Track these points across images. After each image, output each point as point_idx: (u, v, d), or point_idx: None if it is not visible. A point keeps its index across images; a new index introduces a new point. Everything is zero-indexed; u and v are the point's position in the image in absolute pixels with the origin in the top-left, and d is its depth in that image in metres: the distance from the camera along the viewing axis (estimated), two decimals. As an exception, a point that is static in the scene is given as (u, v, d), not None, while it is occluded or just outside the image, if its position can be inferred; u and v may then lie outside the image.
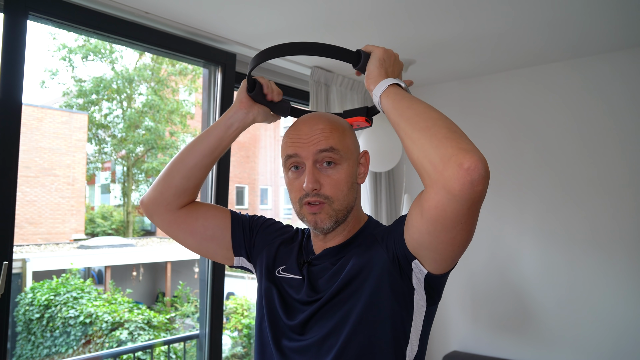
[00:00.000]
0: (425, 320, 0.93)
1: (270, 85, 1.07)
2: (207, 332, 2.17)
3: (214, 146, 1.07)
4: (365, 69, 0.94)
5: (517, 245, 2.64)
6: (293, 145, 0.96)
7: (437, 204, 0.74)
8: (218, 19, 1.94)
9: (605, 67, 2.40)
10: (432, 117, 0.79)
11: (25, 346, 7.22)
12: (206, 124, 2.22)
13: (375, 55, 0.93)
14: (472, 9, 1.87)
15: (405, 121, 0.81)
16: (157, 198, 1.07)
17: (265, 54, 0.95)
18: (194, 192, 1.09)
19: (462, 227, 0.76)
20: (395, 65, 0.95)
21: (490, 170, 0.73)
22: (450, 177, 0.71)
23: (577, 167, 2.47)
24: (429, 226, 0.78)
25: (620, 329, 2.31)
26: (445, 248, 0.81)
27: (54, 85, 18.55)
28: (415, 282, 0.89)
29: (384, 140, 2.42)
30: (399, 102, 0.84)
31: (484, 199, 0.74)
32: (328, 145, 0.94)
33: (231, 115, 1.08)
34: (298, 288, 0.99)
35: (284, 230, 1.13)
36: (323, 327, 0.91)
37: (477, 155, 0.71)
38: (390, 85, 0.88)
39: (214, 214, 1.10)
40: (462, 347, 2.79)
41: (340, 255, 0.98)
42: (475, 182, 0.70)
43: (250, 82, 1.05)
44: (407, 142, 0.79)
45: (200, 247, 1.11)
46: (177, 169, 1.06)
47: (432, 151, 0.74)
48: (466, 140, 0.74)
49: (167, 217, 1.08)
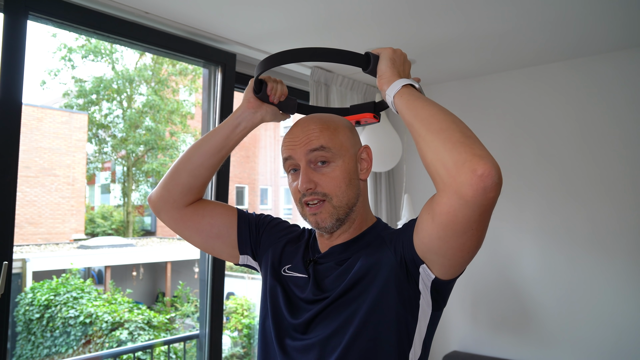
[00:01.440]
0: (430, 324, 0.93)
1: (275, 87, 1.07)
2: (207, 332, 2.17)
3: (220, 145, 1.07)
4: (375, 72, 0.94)
5: (517, 245, 2.63)
6: (287, 148, 0.98)
7: (449, 209, 0.74)
8: (218, 19, 1.94)
9: (605, 67, 2.40)
10: (446, 120, 0.79)
11: (25, 346, 7.22)
12: (206, 124, 2.22)
13: (385, 55, 0.93)
14: (473, 9, 1.87)
15: (419, 122, 0.81)
16: (164, 195, 1.08)
17: (273, 60, 0.95)
18: (201, 190, 1.10)
19: (472, 233, 0.76)
20: (405, 64, 0.95)
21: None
22: (463, 182, 0.71)
23: (577, 167, 2.47)
24: (440, 231, 0.78)
25: (620, 329, 2.31)
26: (454, 254, 0.80)
27: (54, 85, 18.56)
28: (422, 286, 0.89)
29: (384, 140, 2.42)
30: (412, 103, 0.84)
31: (494, 206, 0.74)
32: (318, 145, 0.94)
33: (239, 114, 1.08)
34: (303, 287, 0.99)
35: (291, 229, 1.13)
36: (327, 326, 0.91)
37: (491, 162, 0.71)
38: (404, 86, 0.88)
39: (221, 212, 1.10)
40: (462, 347, 2.79)
41: (346, 254, 0.97)
42: (488, 189, 0.70)
43: (257, 83, 1.05)
44: (420, 144, 0.79)
45: (206, 244, 1.11)
46: (184, 167, 1.07)
47: (446, 155, 0.74)
48: (480, 145, 0.74)
49: (174, 214, 1.08)
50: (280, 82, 1.08)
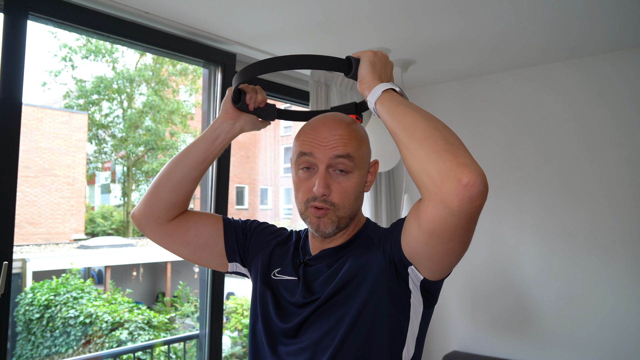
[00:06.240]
0: (422, 322, 0.93)
1: (253, 96, 1.05)
2: (207, 332, 2.17)
3: (200, 159, 1.06)
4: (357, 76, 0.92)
5: (517, 245, 2.64)
6: (310, 145, 0.94)
7: (435, 218, 0.74)
8: (218, 19, 1.94)
9: (605, 67, 2.40)
10: (429, 127, 0.76)
11: (25, 346, 7.22)
12: (206, 124, 2.22)
13: (366, 59, 0.91)
14: (472, 9, 1.87)
15: (402, 130, 0.79)
16: (146, 212, 1.05)
17: (249, 71, 0.93)
18: (184, 204, 1.07)
19: (459, 239, 0.76)
20: (386, 67, 0.93)
21: (490, 169, 0.73)
22: (448, 192, 0.70)
23: (577, 167, 2.47)
24: (426, 237, 0.78)
25: (620, 329, 2.31)
26: (441, 258, 0.81)
27: (55, 85, 18.55)
28: (412, 285, 0.89)
29: (383, 140, 2.42)
30: (394, 110, 0.82)
31: (480, 212, 0.73)
32: (345, 152, 0.92)
33: (217, 127, 1.07)
34: (293, 290, 0.98)
35: (278, 232, 1.13)
36: (318, 329, 0.91)
37: (476, 171, 0.70)
38: (384, 91, 0.86)
39: (206, 222, 1.09)
40: (462, 347, 2.79)
41: (337, 257, 0.97)
42: (474, 198, 0.69)
43: (236, 92, 1.04)
44: (404, 152, 0.78)
45: (194, 256, 1.10)
46: (165, 183, 1.04)
47: (430, 164, 0.72)
48: (465, 153, 0.72)
49: (159, 230, 1.06)
50: (259, 88, 1.07)
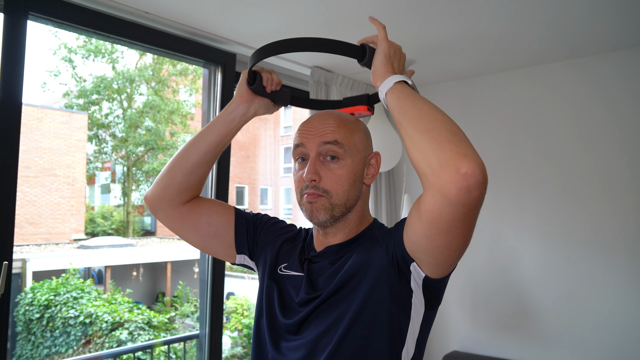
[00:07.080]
0: (423, 324, 0.92)
1: (270, 77, 1.06)
2: (207, 332, 2.17)
3: (215, 142, 1.07)
4: (370, 64, 0.94)
5: (517, 245, 2.64)
6: (301, 136, 0.98)
7: (433, 208, 0.74)
8: (218, 19, 1.94)
9: (605, 67, 2.40)
10: (434, 119, 0.78)
11: (25, 346, 7.22)
12: (206, 124, 2.22)
13: (381, 50, 0.93)
14: (472, 9, 1.87)
15: (407, 121, 0.80)
16: (160, 194, 1.06)
17: (267, 50, 0.94)
18: (198, 188, 1.09)
19: (458, 231, 0.76)
20: (400, 59, 0.95)
21: (490, 169, 0.72)
22: (446, 181, 0.70)
23: (577, 167, 2.47)
24: (426, 229, 0.78)
25: (620, 329, 2.31)
26: (441, 252, 0.80)
27: (55, 85, 18.55)
28: (414, 285, 0.89)
29: (384, 140, 2.42)
30: (403, 101, 0.84)
31: (482, 205, 0.73)
32: (333, 138, 0.94)
33: (232, 110, 1.07)
34: (298, 287, 0.99)
35: (288, 229, 1.13)
36: (319, 325, 0.91)
37: (476, 161, 0.70)
38: (396, 83, 0.88)
39: (218, 211, 1.10)
40: (462, 347, 2.79)
41: (341, 254, 0.98)
42: (471, 188, 0.69)
43: (251, 74, 1.04)
44: (407, 143, 0.79)
45: (203, 243, 1.11)
46: (179, 165, 1.05)
47: (431, 154, 0.73)
48: (467, 144, 0.73)
49: (171, 212, 1.07)
50: (273, 71, 1.08)
